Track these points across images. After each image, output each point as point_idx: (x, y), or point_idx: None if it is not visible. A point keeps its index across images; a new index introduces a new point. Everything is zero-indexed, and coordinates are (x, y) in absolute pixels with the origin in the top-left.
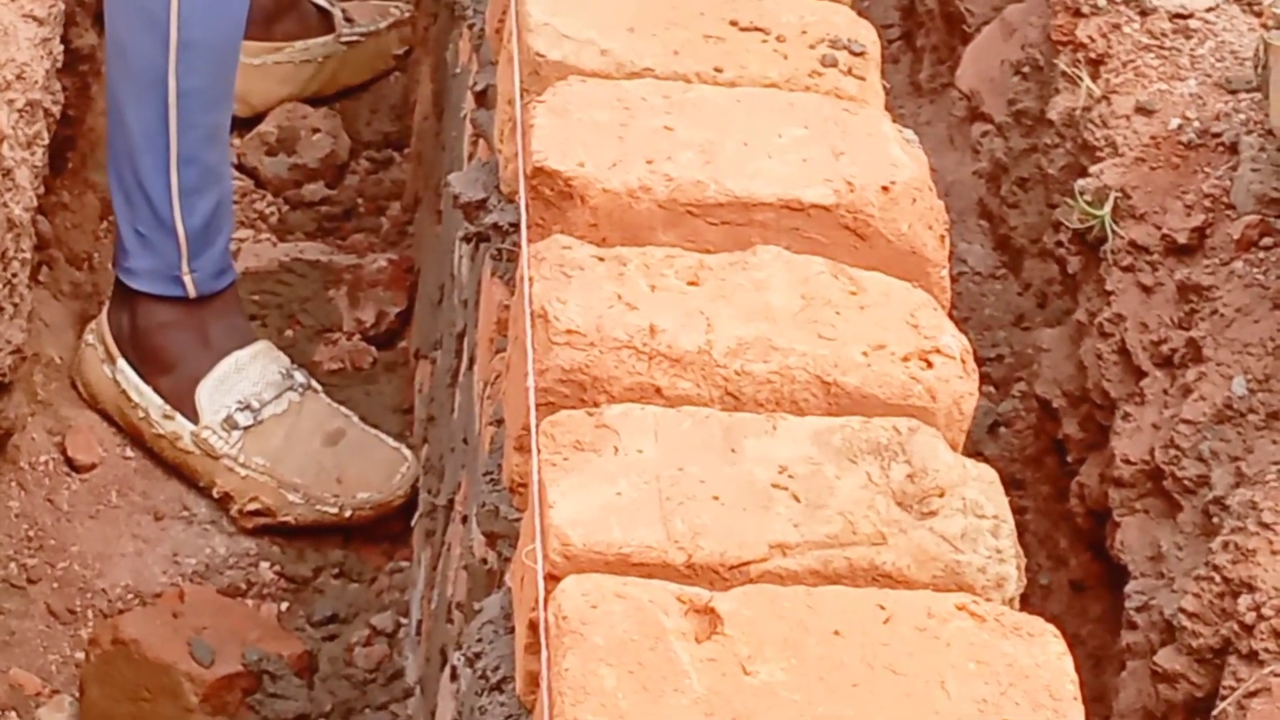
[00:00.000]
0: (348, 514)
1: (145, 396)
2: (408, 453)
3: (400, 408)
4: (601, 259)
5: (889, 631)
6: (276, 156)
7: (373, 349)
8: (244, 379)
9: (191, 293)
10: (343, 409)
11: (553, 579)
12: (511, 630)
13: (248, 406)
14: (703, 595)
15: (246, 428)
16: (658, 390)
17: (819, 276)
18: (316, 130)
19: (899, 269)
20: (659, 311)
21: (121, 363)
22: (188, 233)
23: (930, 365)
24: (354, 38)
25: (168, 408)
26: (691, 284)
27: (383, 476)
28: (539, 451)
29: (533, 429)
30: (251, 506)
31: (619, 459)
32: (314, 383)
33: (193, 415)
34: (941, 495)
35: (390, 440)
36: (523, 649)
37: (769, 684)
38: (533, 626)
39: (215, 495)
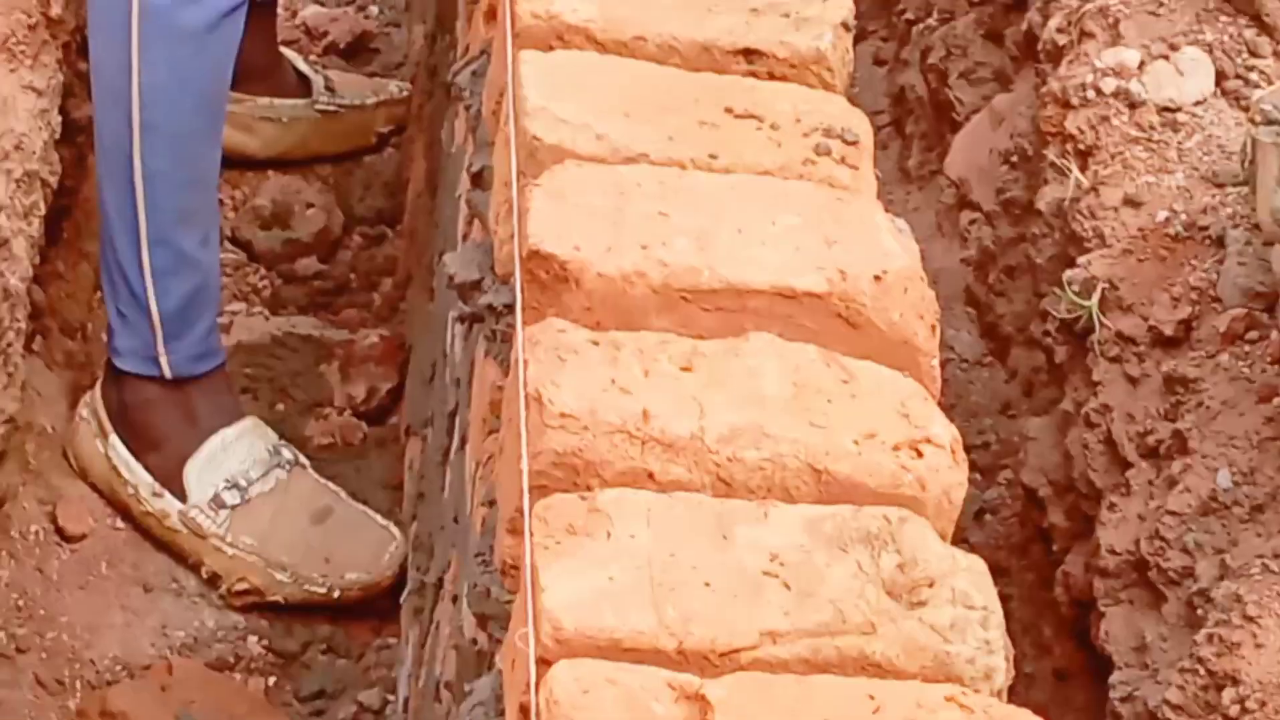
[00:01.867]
0: (336, 594)
1: (135, 473)
2: (396, 531)
3: (390, 484)
4: (596, 343)
5: None
6: (270, 230)
7: (363, 425)
8: (231, 457)
9: (168, 374)
10: (331, 485)
11: (544, 663)
12: (502, 713)
13: (235, 485)
14: (694, 682)
15: (234, 506)
16: (650, 475)
17: (811, 364)
18: (310, 205)
19: (890, 358)
20: (652, 397)
21: (114, 438)
22: (161, 314)
23: (920, 455)
24: (331, 108)
25: (156, 485)
26: (685, 370)
27: (371, 556)
28: (532, 535)
29: (526, 512)
30: (240, 586)
31: (612, 544)
32: (302, 459)
33: (180, 494)
34: (931, 585)
35: (379, 519)
36: None
37: None
38: (524, 710)
39: (204, 575)
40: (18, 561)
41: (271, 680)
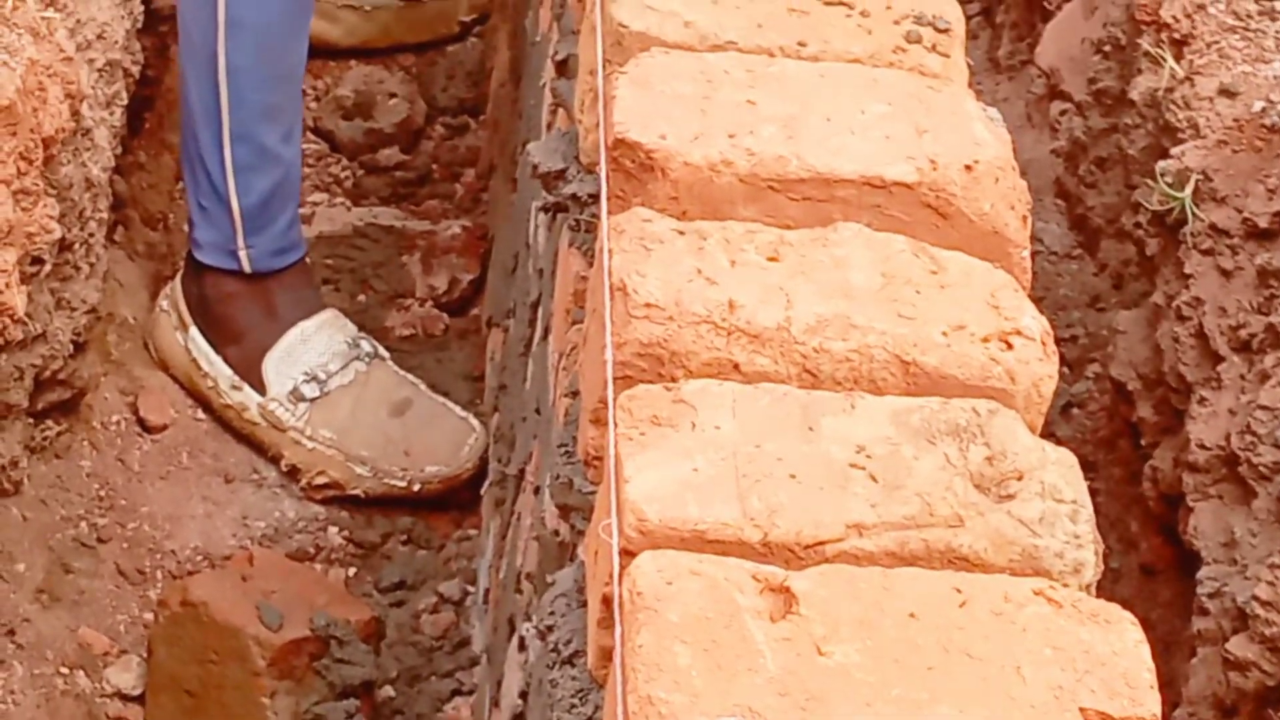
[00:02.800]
0: (416, 487)
1: (215, 366)
2: (476, 423)
3: (471, 375)
4: (681, 233)
5: (965, 615)
6: (352, 121)
7: (445, 316)
8: (310, 350)
9: (247, 268)
10: (410, 377)
11: (628, 554)
12: (584, 604)
13: (314, 378)
14: (778, 574)
15: (313, 400)
16: (735, 366)
17: (900, 255)
18: (393, 95)
19: (980, 249)
20: (738, 287)
21: (194, 331)
22: (243, 210)
23: (1010, 347)
24: None
25: (236, 378)
26: (771, 260)
27: (451, 449)
28: (616, 425)
29: (610, 403)
30: (320, 480)
31: (696, 435)
32: (381, 351)
33: (260, 387)
34: (1020, 479)
35: (458, 410)
36: (596, 624)
37: (843, 665)
38: (606, 602)
39: (283, 468)
40: (99, 451)
41: (352, 571)
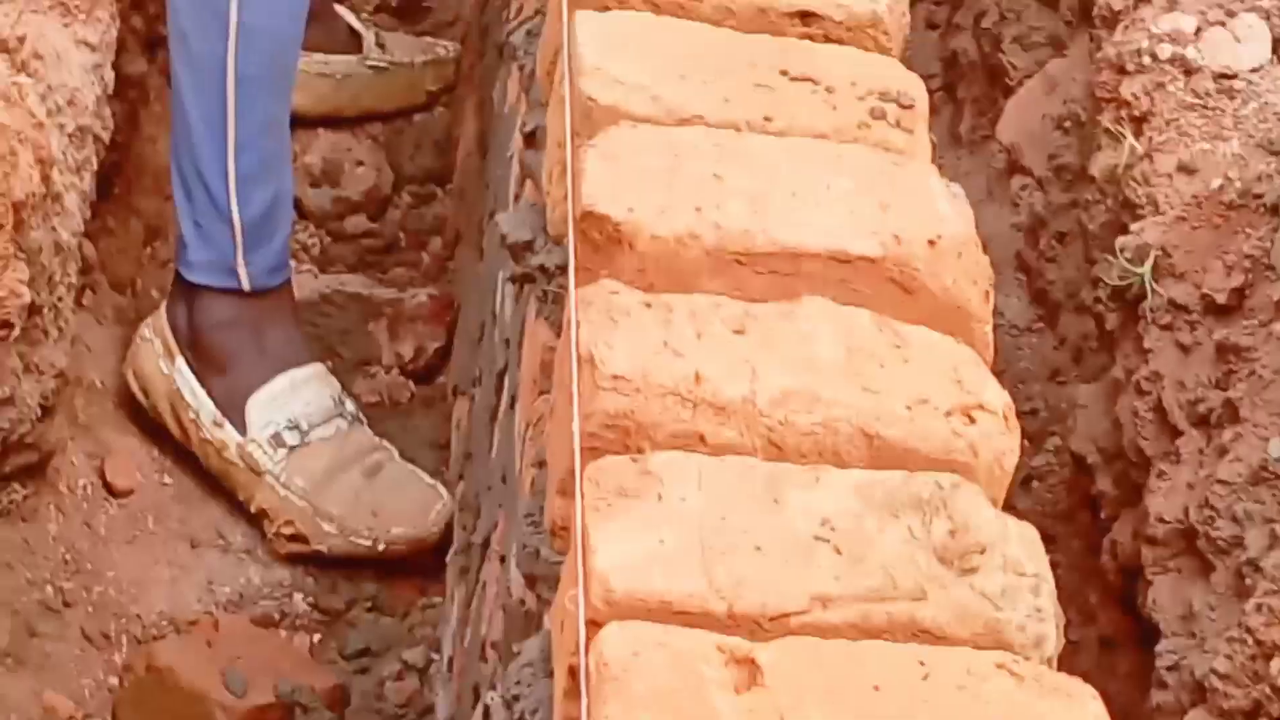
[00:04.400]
0: (380, 547)
1: (199, 399)
2: (444, 491)
3: (437, 443)
4: (649, 305)
5: (929, 688)
6: (320, 188)
7: (411, 384)
8: (297, 399)
9: (246, 286)
10: (384, 443)
11: (594, 625)
12: (550, 674)
13: (296, 427)
14: (743, 646)
15: (293, 447)
16: (701, 438)
17: (864, 329)
18: (360, 163)
19: (943, 324)
20: (705, 359)
21: (180, 361)
22: (244, 223)
23: (973, 421)
24: (381, 64)
25: (218, 414)
26: (737, 332)
27: (418, 513)
28: (583, 497)
29: (577, 474)
30: (287, 530)
31: (662, 506)
32: (360, 414)
33: (241, 426)
34: (982, 552)
35: (427, 478)
36: (561, 693)
37: None
38: (573, 672)
39: (253, 510)
40: (65, 516)
41: (316, 637)
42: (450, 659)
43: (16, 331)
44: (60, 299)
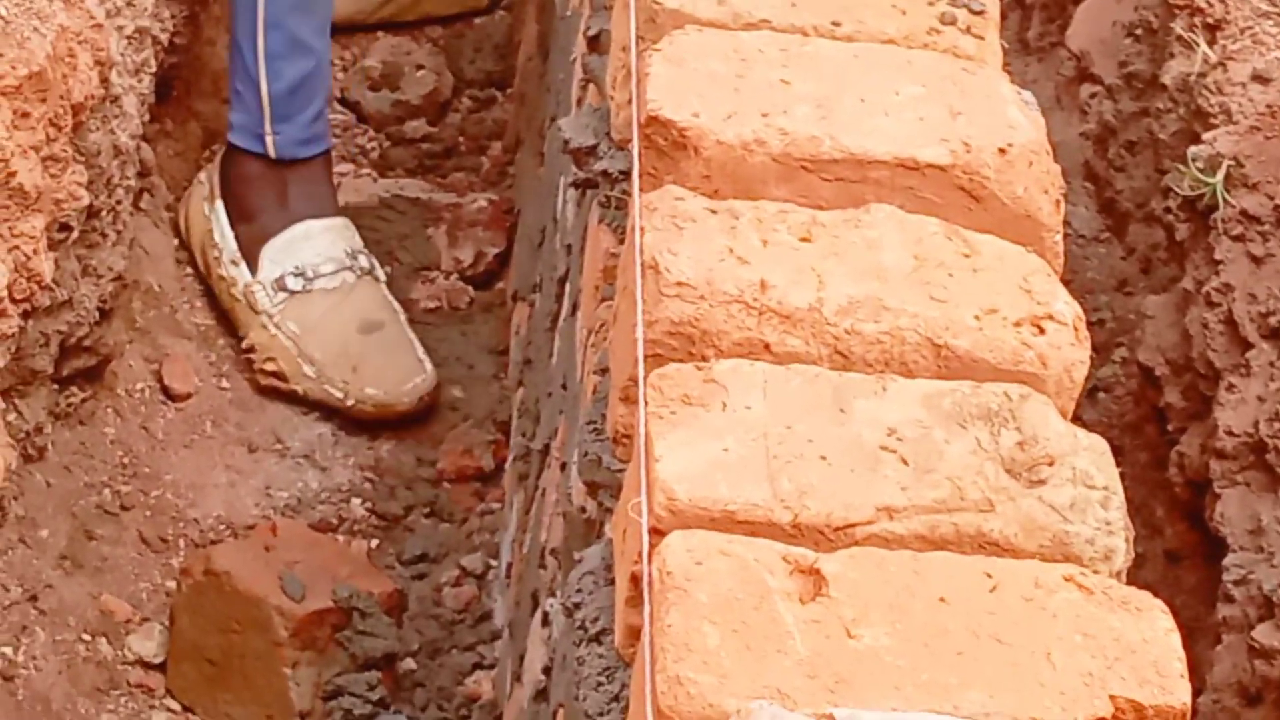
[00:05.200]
0: (350, 403)
1: (225, 239)
2: (430, 368)
3: (495, 349)
4: (714, 211)
5: (995, 600)
6: (380, 92)
7: (470, 289)
8: (309, 247)
9: (272, 153)
10: (395, 304)
11: (657, 533)
12: (612, 582)
13: (302, 274)
14: (808, 556)
15: (293, 292)
16: (766, 346)
17: (932, 237)
18: (421, 67)
19: (1013, 232)
20: (770, 267)
21: (218, 203)
22: (271, 95)
23: (1042, 331)
24: None
25: (237, 254)
26: (804, 240)
27: (396, 380)
28: (646, 404)
29: (640, 381)
30: (269, 366)
31: (727, 415)
32: (378, 271)
33: (254, 269)
34: (1051, 464)
35: (420, 350)
36: (624, 602)
37: (873, 648)
38: (635, 580)
39: (244, 345)
40: (123, 419)
41: (375, 542)
42: (509, 565)
43: (75, 234)
44: (119, 202)
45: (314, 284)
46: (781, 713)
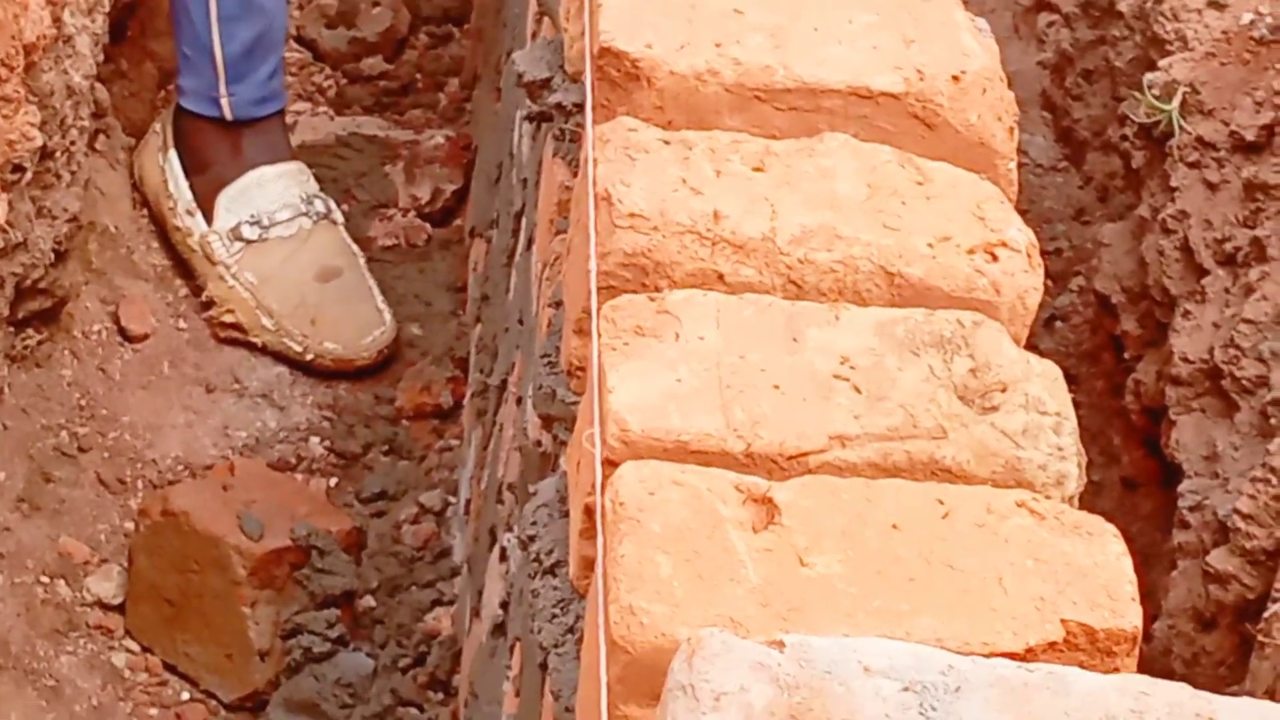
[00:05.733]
0: (309, 357)
1: (179, 189)
2: (389, 317)
3: (454, 285)
4: (667, 142)
5: (947, 526)
6: (336, 29)
7: (428, 226)
8: (263, 194)
9: (228, 115)
10: (354, 248)
11: (610, 464)
12: (566, 514)
13: (258, 222)
14: (761, 485)
15: (249, 241)
16: (720, 277)
17: (886, 165)
18: (377, 4)
19: (966, 160)
20: (723, 197)
21: (172, 154)
22: (226, 58)
23: (995, 259)
24: None
25: (192, 204)
26: (757, 170)
27: (354, 334)
28: (599, 336)
29: (593, 313)
30: (227, 318)
31: (679, 345)
32: (336, 214)
33: (210, 218)
34: (1004, 390)
35: (379, 298)
36: (577, 534)
37: (825, 575)
38: (588, 512)
39: (203, 298)
40: (80, 361)
41: (333, 481)
42: (467, 502)
43: (28, 176)
44: (73, 143)
45: (270, 232)
46: (733, 640)
